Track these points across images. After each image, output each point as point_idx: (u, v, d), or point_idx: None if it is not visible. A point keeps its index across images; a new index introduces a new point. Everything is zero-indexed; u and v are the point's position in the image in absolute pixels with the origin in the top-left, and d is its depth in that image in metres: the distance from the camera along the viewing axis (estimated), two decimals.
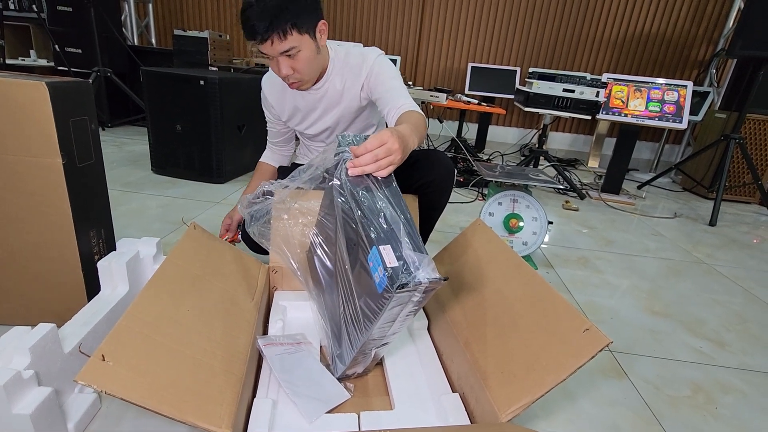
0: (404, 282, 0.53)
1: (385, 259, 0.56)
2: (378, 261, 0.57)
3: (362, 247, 0.62)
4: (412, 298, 0.57)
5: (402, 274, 0.54)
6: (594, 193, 2.33)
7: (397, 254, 0.56)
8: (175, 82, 1.80)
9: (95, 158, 0.86)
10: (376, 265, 0.57)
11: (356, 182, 0.68)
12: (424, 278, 0.54)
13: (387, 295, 0.55)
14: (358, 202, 0.65)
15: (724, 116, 2.46)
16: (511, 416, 0.58)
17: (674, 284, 1.38)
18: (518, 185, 1.38)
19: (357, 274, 0.64)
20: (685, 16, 3.30)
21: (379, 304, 0.57)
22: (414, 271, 0.54)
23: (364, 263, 0.61)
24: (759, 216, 2.31)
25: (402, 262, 0.55)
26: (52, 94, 0.72)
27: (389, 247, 0.57)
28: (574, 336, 0.59)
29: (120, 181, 1.84)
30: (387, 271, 0.55)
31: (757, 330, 1.16)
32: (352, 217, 0.65)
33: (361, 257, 0.63)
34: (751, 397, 0.89)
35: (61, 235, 0.81)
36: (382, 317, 0.58)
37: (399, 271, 0.54)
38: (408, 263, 0.55)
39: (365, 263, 0.61)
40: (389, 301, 0.55)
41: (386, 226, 0.60)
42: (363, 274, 0.62)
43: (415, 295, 0.57)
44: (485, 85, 3.22)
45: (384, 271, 0.55)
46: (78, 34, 2.70)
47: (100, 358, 0.47)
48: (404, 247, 0.57)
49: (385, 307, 0.56)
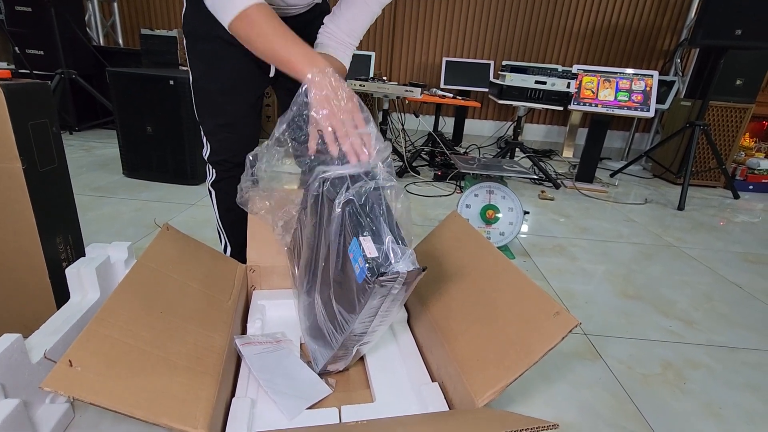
0: (383, 271, 0.54)
1: (366, 250, 0.56)
2: (358, 252, 0.57)
3: (344, 236, 0.62)
4: (392, 290, 0.57)
5: (382, 265, 0.54)
6: (569, 183, 2.38)
7: (377, 245, 0.57)
8: (144, 83, 1.76)
9: (58, 162, 0.83)
10: (357, 255, 0.58)
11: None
12: (403, 268, 0.55)
13: (367, 286, 0.55)
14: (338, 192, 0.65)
15: (689, 104, 2.54)
16: (487, 401, 0.59)
17: (646, 268, 1.43)
18: (494, 177, 1.40)
19: (337, 266, 0.64)
20: (650, 8, 3.40)
21: (360, 295, 0.57)
22: (394, 262, 0.55)
23: (343, 255, 0.62)
24: (724, 199, 2.40)
25: (383, 253, 0.56)
26: (7, 96, 0.69)
27: (369, 239, 0.58)
28: (545, 320, 0.60)
29: (90, 185, 1.78)
30: (367, 262, 0.55)
31: (723, 308, 1.21)
32: (332, 208, 0.65)
33: (340, 248, 0.63)
34: (718, 371, 0.93)
35: (26, 242, 0.78)
36: (363, 309, 0.58)
37: (378, 262, 0.55)
38: (388, 254, 0.56)
39: (346, 254, 0.61)
40: (370, 292, 0.56)
41: (367, 218, 0.61)
42: (343, 266, 0.62)
43: (395, 287, 0.57)
44: (460, 79, 3.24)
45: (364, 262, 0.56)
46: (39, 35, 2.59)
47: (68, 363, 0.46)
48: (385, 238, 0.58)
49: (366, 298, 0.57)
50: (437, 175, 2.29)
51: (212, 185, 0.98)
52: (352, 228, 0.60)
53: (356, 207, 0.62)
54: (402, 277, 0.55)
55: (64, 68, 2.54)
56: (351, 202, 0.63)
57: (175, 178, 1.88)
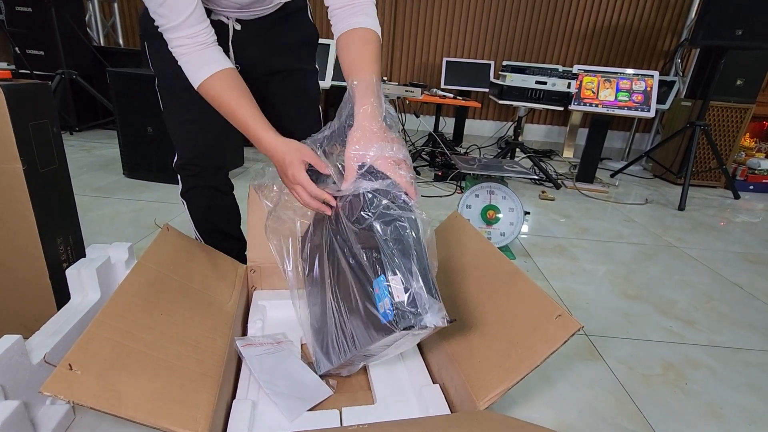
0: (410, 324, 0.52)
1: (394, 292, 0.54)
2: (385, 290, 0.54)
3: (369, 266, 0.59)
4: (414, 334, 0.56)
5: (409, 315, 0.52)
6: (569, 183, 2.38)
7: (405, 286, 0.54)
8: (144, 83, 1.75)
9: (59, 162, 0.83)
10: (383, 293, 0.55)
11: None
12: (431, 323, 0.52)
13: (390, 328, 0.53)
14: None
15: (690, 104, 2.54)
16: (488, 403, 0.59)
17: (646, 268, 1.43)
18: (495, 177, 1.39)
19: (360, 289, 0.60)
20: (650, 8, 3.40)
21: (379, 332, 0.55)
22: (423, 314, 0.52)
23: (365, 281, 0.58)
24: (724, 199, 2.40)
25: (411, 298, 0.53)
26: (8, 97, 0.69)
27: (399, 279, 0.55)
28: (547, 322, 0.60)
29: (90, 186, 1.78)
30: (394, 306, 0.53)
31: (723, 308, 1.21)
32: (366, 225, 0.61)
33: (363, 274, 0.59)
34: (719, 371, 0.93)
35: (26, 243, 0.78)
36: (378, 343, 0.57)
37: (406, 311, 0.52)
38: (417, 301, 0.53)
39: (368, 284, 0.58)
40: (391, 335, 0.54)
41: (399, 253, 0.57)
42: (366, 294, 0.59)
43: (420, 334, 0.55)
44: (460, 79, 3.24)
45: (390, 305, 0.53)
46: (39, 35, 2.59)
47: (67, 367, 0.45)
48: (413, 284, 0.54)
49: (384, 337, 0.55)
50: (438, 175, 2.29)
51: (182, 195, 0.96)
52: (381, 260, 0.56)
53: (389, 234, 0.58)
54: (430, 330, 0.53)
55: (64, 68, 2.54)
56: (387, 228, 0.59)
57: (175, 179, 1.87)
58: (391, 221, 0.59)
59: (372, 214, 0.60)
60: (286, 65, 0.91)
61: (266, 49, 0.88)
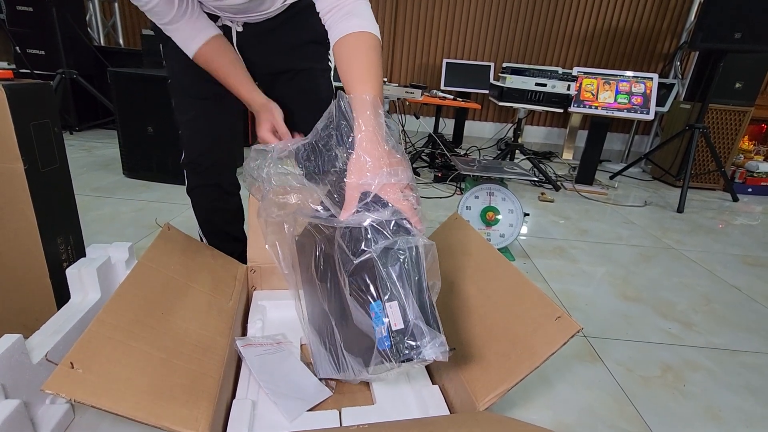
0: (408, 357, 0.50)
1: (391, 320, 0.51)
2: (380, 317, 0.52)
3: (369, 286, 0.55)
4: (413, 366, 0.54)
5: (407, 348, 0.50)
6: (568, 185, 2.39)
7: (402, 312, 0.51)
8: (145, 83, 1.76)
9: (59, 162, 0.83)
10: (379, 319, 0.52)
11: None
12: (430, 355, 0.51)
13: (385, 356, 0.51)
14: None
15: (689, 107, 2.55)
16: (488, 404, 0.59)
17: (645, 270, 1.43)
18: (494, 178, 1.40)
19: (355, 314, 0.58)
20: (650, 11, 3.41)
21: (375, 357, 0.53)
22: (421, 347, 0.50)
23: (363, 303, 0.56)
24: (723, 202, 2.41)
25: (409, 328, 0.51)
26: (9, 96, 0.69)
27: (396, 306, 0.52)
28: (547, 324, 0.60)
29: (90, 186, 1.78)
30: (391, 335, 0.51)
31: (722, 310, 1.21)
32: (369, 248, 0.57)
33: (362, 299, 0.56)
34: (717, 374, 0.94)
35: (27, 243, 0.78)
36: (373, 376, 0.56)
37: (404, 343, 0.50)
38: (415, 333, 0.50)
39: (364, 306, 0.55)
40: (385, 364, 0.52)
41: (399, 279, 0.54)
42: (361, 319, 0.56)
43: (416, 365, 0.53)
44: (460, 80, 3.25)
45: (387, 332, 0.51)
46: (40, 35, 2.59)
47: (69, 365, 0.46)
48: (410, 312, 0.52)
49: (379, 363, 0.53)
50: (437, 176, 2.29)
51: (188, 192, 0.96)
52: (379, 288, 0.54)
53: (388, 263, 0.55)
54: (427, 362, 0.51)
55: (65, 68, 2.54)
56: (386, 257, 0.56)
57: (175, 179, 1.88)
58: (391, 250, 0.56)
59: (373, 251, 0.57)
60: (292, 65, 0.90)
61: (270, 50, 0.88)
